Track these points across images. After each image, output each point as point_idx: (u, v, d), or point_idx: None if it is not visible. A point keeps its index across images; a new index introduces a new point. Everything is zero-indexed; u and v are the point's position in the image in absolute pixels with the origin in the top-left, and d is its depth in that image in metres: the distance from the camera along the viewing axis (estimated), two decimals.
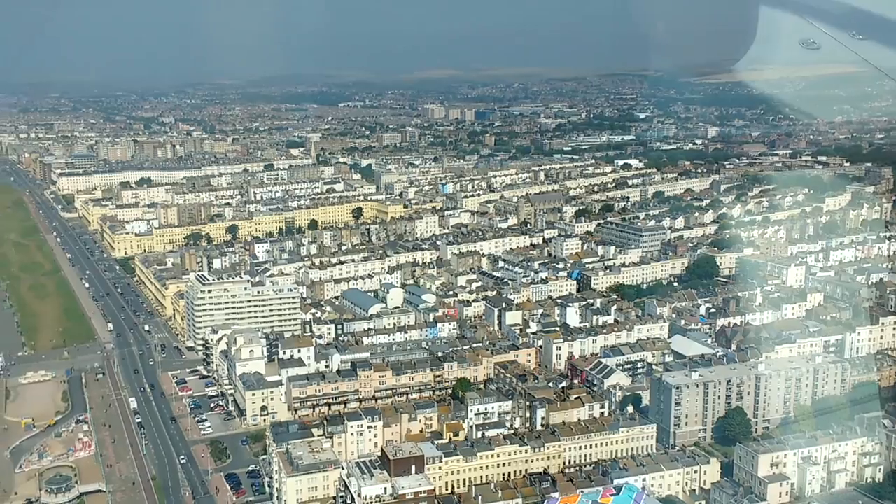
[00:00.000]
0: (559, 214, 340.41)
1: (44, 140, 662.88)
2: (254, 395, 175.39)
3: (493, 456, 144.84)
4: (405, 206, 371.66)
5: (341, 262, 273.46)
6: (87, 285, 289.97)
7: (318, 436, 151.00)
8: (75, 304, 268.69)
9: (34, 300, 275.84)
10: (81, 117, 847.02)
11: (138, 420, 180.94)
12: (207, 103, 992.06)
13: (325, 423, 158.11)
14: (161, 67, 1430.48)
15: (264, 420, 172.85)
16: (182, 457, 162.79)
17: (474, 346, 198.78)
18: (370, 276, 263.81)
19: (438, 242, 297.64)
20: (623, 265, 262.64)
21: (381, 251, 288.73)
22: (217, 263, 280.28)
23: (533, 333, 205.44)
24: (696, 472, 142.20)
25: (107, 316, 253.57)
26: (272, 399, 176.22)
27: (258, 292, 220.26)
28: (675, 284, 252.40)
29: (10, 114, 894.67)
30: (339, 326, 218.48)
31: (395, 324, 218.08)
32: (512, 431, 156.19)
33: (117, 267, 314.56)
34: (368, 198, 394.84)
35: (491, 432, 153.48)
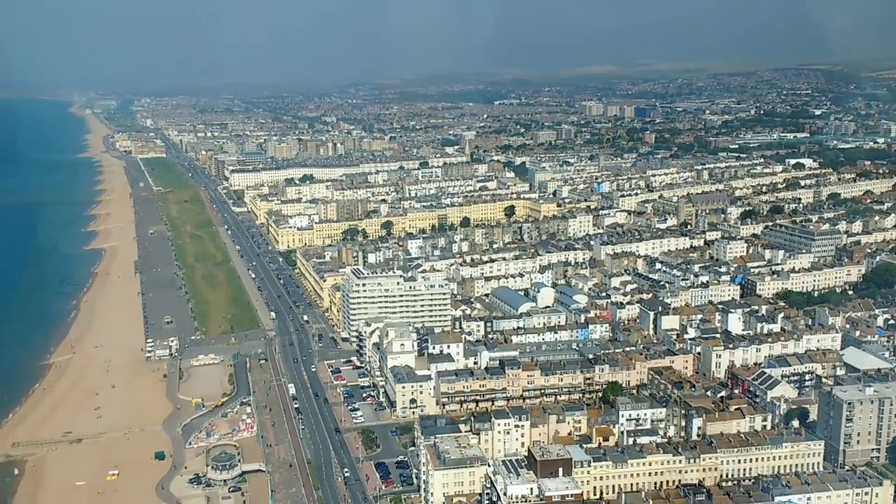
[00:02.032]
0: (723, 216, 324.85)
1: (218, 138, 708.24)
2: (404, 387, 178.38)
3: (644, 464, 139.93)
4: (558, 205, 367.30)
5: (492, 260, 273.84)
6: (252, 276, 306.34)
7: (466, 431, 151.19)
8: (242, 293, 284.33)
9: (206, 288, 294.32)
10: (252, 117, 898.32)
11: (296, 405, 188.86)
12: (367, 103, 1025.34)
13: (472, 419, 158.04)
14: (326, 69, 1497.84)
15: (413, 413, 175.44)
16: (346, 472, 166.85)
17: (627, 349, 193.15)
18: (521, 275, 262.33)
19: (592, 242, 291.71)
20: (792, 271, 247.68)
21: (532, 250, 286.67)
22: (372, 258, 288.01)
23: (691, 339, 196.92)
24: (866, 494, 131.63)
25: (270, 305, 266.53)
26: (421, 392, 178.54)
27: (410, 287, 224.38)
28: (850, 293, 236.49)
29: (190, 114, 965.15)
30: (489, 324, 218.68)
31: (545, 323, 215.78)
32: (665, 440, 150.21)
33: (280, 259, 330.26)
34: (521, 196, 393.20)
35: (643, 439, 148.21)
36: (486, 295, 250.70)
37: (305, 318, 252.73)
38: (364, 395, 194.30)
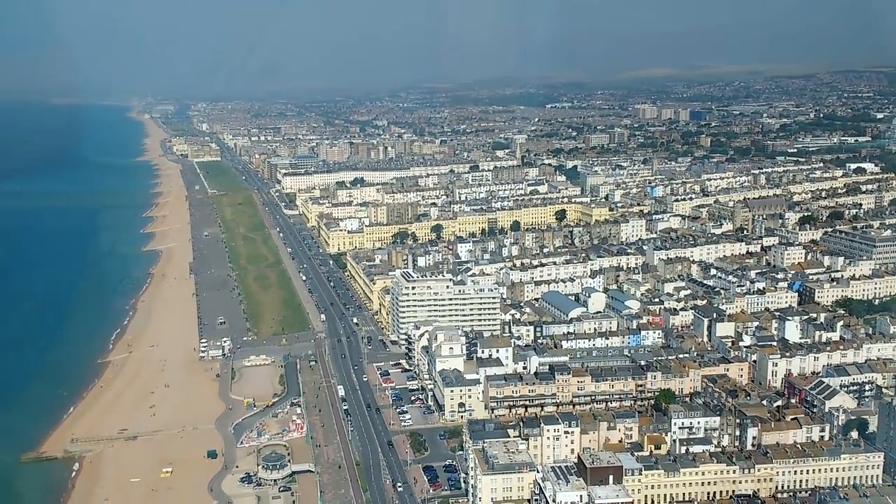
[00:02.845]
0: (780, 221, 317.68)
1: (271, 142, 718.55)
2: (452, 391, 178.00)
3: (697, 473, 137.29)
4: (610, 209, 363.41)
5: (542, 265, 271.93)
6: (303, 278, 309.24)
7: (514, 437, 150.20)
8: (293, 295, 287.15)
9: (258, 290, 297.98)
10: (305, 121, 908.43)
11: (345, 407, 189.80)
12: (418, 106, 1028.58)
13: (521, 424, 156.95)
14: (378, 73, 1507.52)
15: (461, 417, 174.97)
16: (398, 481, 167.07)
17: (680, 356, 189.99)
18: (571, 280, 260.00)
19: (645, 247, 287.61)
20: (852, 278, 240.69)
21: (583, 254, 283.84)
22: (421, 261, 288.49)
23: (746, 347, 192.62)
24: None
25: (320, 307, 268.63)
26: (470, 397, 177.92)
27: (459, 291, 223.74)
28: None
29: (245, 119, 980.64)
30: (538, 328, 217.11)
31: (595, 329, 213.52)
32: (719, 449, 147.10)
33: (331, 262, 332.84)
34: (572, 200, 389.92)
35: (696, 448, 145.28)
36: (536, 299, 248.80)
37: (355, 320, 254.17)
38: (412, 398, 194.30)
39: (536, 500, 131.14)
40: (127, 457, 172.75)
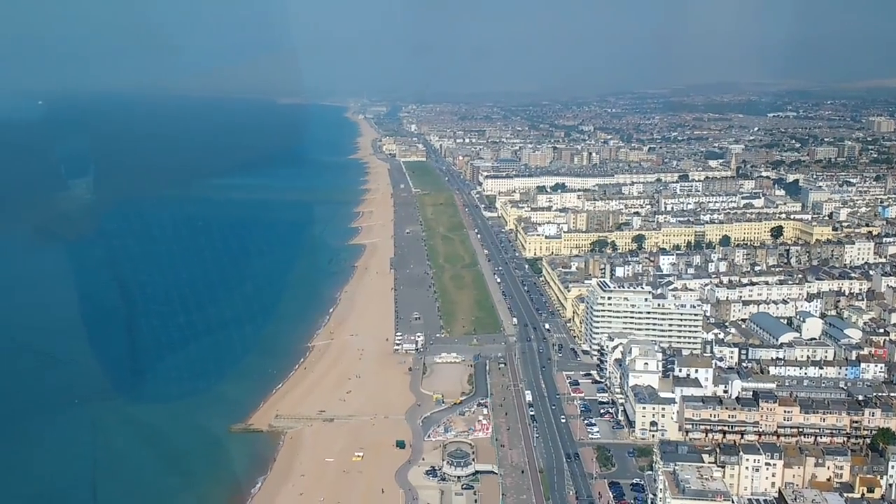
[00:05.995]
0: None
1: (475, 145, 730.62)
2: (644, 408, 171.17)
3: None
4: (834, 229, 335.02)
5: (753, 283, 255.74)
6: (498, 280, 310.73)
7: (709, 462, 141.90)
8: (486, 297, 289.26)
9: (453, 289, 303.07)
10: (509, 125, 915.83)
11: (531, 412, 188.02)
12: (627, 112, 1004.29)
13: (717, 450, 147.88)
14: (588, 77, 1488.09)
15: (653, 436, 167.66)
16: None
17: None
18: (784, 302, 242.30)
19: (872, 272, 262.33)
20: None
21: (800, 276, 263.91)
22: (620, 272, 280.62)
23: None
24: None
25: (512, 311, 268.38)
26: (663, 416, 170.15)
27: (659, 305, 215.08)
28: None
29: (451, 121, 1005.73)
30: (744, 351, 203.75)
31: (808, 356, 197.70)
32: None
33: (526, 266, 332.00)
34: (791, 216, 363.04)
35: None
36: (743, 320, 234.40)
37: (547, 326, 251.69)
38: (602, 410, 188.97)
39: None
40: (323, 437, 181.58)
